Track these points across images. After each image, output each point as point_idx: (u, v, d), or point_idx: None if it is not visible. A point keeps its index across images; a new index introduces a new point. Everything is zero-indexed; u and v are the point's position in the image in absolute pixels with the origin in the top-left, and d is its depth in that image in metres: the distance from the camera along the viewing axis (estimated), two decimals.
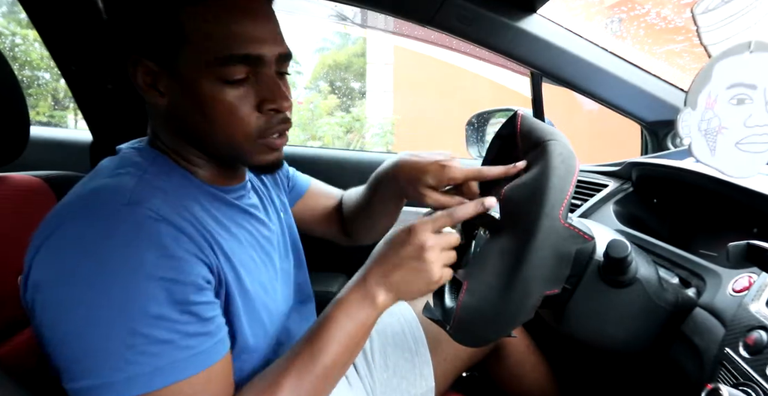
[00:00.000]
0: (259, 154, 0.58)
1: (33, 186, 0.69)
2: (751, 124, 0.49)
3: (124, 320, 0.45)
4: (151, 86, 0.54)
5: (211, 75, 0.52)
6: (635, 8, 3.27)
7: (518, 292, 0.53)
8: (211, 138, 0.56)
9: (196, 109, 0.53)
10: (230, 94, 0.53)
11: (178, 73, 0.52)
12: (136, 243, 0.46)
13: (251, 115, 0.55)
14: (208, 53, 0.51)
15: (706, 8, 0.47)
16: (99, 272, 0.45)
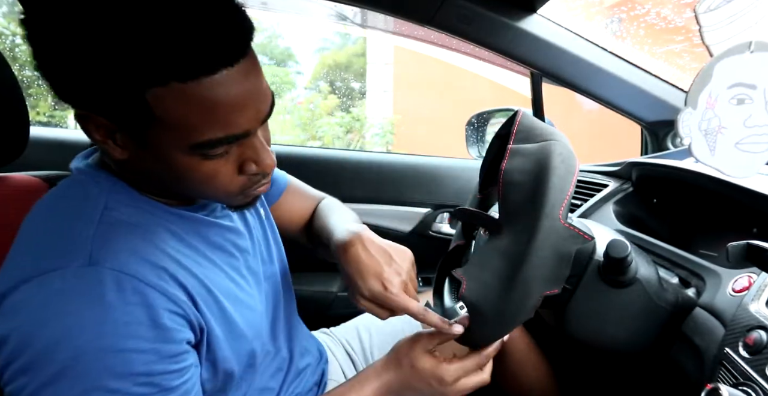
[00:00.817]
0: (237, 202, 0.55)
1: (33, 186, 0.69)
2: (751, 124, 0.49)
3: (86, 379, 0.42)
4: (107, 138, 0.46)
5: (187, 153, 0.45)
6: (635, 8, 3.27)
7: (518, 293, 0.53)
8: (185, 192, 0.53)
9: (168, 173, 0.47)
10: (209, 166, 0.47)
11: (145, 143, 0.45)
12: (100, 312, 0.43)
13: (233, 178, 0.49)
14: (182, 138, 0.43)
15: (708, 8, 0.47)
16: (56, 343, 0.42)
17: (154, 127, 0.43)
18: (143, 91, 0.40)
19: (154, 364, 0.45)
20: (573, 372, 1.05)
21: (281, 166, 0.68)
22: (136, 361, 0.44)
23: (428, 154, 1.55)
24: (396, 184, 1.45)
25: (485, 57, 2.31)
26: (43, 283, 0.44)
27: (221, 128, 0.44)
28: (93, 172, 0.53)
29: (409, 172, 1.46)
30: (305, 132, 5.53)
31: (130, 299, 0.44)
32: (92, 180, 0.52)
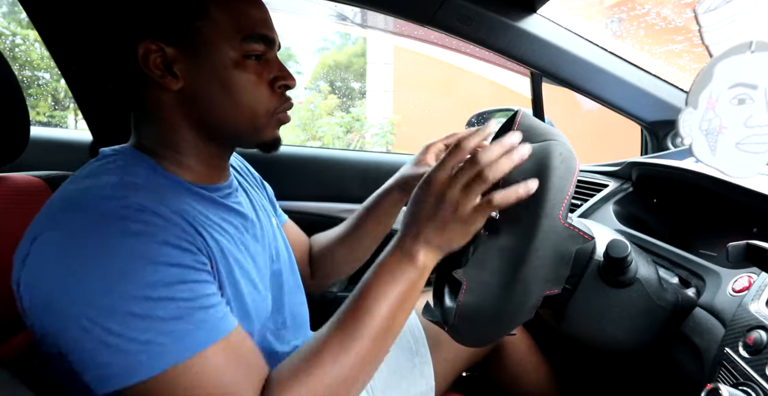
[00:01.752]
0: (272, 129, 0.61)
1: (33, 186, 0.69)
2: (752, 125, 0.49)
3: (123, 304, 0.44)
4: (165, 71, 0.54)
5: (234, 51, 0.55)
6: (635, 8, 3.27)
7: (518, 292, 0.53)
8: (229, 115, 0.57)
9: (219, 85, 0.55)
10: (251, 69, 0.57)
11: (199, 52, 0.54)
12: (123, 232, 0.46)
13: (268, 93, 0.59)
14: (231, 30, 0.55)
15: (708, 8, 0.47)
16: (89, 265, 0.45)
17: (206, 27, 0.54)
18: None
19: (187, 275, 0.48)
20: (573, 372, 1.05)
21: (282, 165, 0.69)
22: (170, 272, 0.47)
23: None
24: None
25: (485, 57, 2.30)
26: (71, 220, 0.47)
27: (259, 27, 0.57)
28: (123, 150, 0.59)
29: None
30: (305, 132, 5.53)
31: (151, 225, 0.48)
32: (120, 155, 0.57)
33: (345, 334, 0.50)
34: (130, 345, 0.44)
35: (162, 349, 0.44)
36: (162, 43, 0.53)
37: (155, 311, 0.45)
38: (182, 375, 0.45)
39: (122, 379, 0.44)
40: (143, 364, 0.44)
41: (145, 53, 0.53)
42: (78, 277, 0.44)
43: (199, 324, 0.47)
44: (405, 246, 0.54)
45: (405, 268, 0.53)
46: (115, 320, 0.44)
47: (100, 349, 0.44)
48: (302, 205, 1.37)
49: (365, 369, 0.51)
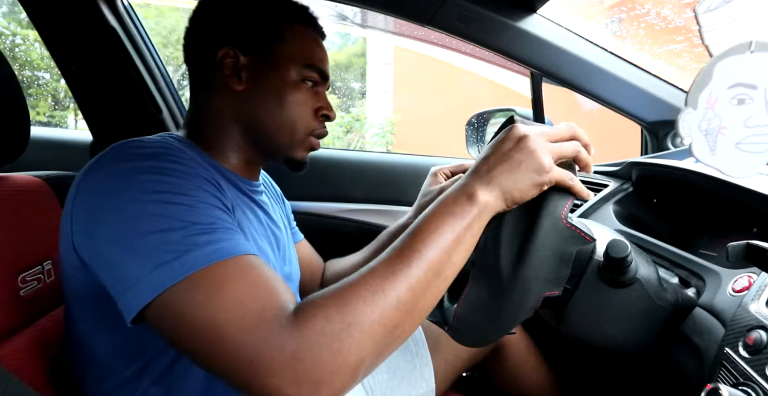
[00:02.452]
0: (302, 149, 0.69)
1: (33, 186, 0.69)
2: (752, 125, 0.49)
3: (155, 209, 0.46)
4: (233, 73, 0.64)
5: (295, 72, 0.65)
6: (635, 8, 3.27)
7: (518, 292, 0.53)
8: (275, 123, 0.65)
9: (274, 96, 0.65)
10: (305, 91, 0.67)
11: (266, 65, 0.65)
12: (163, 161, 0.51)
13: (310, 116, 0.68)
14: (298, 56, 0.66)
15: (708, 8, 0.47)
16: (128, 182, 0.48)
17: (278, 47, 0.65)
18: (281, 23, 0.65)
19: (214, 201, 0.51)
20: (573, 372, 1.05)
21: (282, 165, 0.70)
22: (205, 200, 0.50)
23: (428, 154, 1.55)
24: (396, 184, 1.45)
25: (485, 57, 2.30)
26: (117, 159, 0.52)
27: (319, 61, 0.68)
28: (166, 134, 0.63)
29: (409, 172, 1.46)
30: None
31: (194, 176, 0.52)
32: (167, 135, 0.62)
33: (389, 270, 0.46)
34: (163, 246, 0.45)
35: (192, 253, 0.45)
36: (239, 50, 0.64)
37: (185, 216, 0.47)
38: (209, 279, 0.44)
39: (151, 288, 0.44)
40: (174, 269, 0.44)
41: (223, 56, 0.63)
42: (117, 192, 0.48)
43: (227, 236, 0.47)
44: (466, 186, 0.52)
45: (463, 205, 0.51)
46: (140, 228, 0.46)
47: (133, 258, 0.45)
48: (302, 205, 1.37)
49: (407, 313, 0.46)
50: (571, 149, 0.54)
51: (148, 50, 1.39)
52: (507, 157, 0.52)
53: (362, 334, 0.43)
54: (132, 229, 0.46)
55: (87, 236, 0.49)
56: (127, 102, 1.36)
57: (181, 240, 0.45)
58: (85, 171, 0.52)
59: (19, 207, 0.65)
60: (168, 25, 4.71)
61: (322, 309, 0.43)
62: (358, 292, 0.44)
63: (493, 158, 0.53)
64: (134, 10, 1.38)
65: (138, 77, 1.34)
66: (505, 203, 0.52)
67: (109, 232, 0.47)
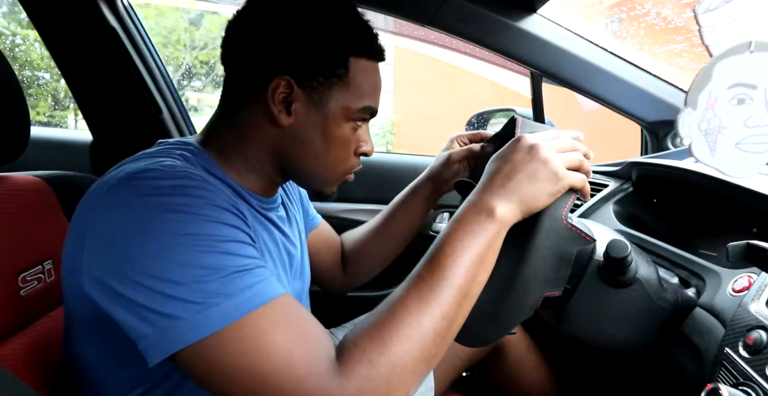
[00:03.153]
0: (335, 185, 0.66)
1: (34, 186, 0.69)
2: (752, 125, 0.49)
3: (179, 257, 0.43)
4: (283, 107, 0.57)
5: (349, 113, 0.59)
6: (635, 8, 3.27)
7: (518, 292, 0.53)
8: (315, 164, 0.61)
9: (321, 135, 0.59)
10: (350, 136, 0.61)
11: (320, 102, 0.58)
12: (180, 195, 0.47)
13: (351, 153, 0.63)
14: (357, 96, 0.59)
15: (708, 8, 0.47)
16: (147, 221, 0.45)
17: (338, 88, 0.58)
18: (347, 57, 0.58)
19: (238, 236, 0.48)
20: (573, 372, 1.05)
21: None
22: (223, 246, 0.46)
23: (428, 154, 1.55)
24: (396, 184, 1.44)
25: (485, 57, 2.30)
26: (136, 185, 0.47)
27: (373, 101, 0.62)
28: (188, 141, 0.60)
29: (409, 172, 1.46)
30: None
31: (217, 201, 0.49)
32: (184, 145, 0.59)
33: (421, 301, 0.45)
34: (200, 292, 0.42)
35: (232, 299, 0.42)
36: (295, 82, 0.56)
37: (219, 260, 0.44)
38: (253, 326, 0.42)
39: (187, 335, 0.41)
40: (214, 317, 0.41)
41: (277, 86, 0.56)
42: (142, 232, 0.44)
43: (261, 277, 0.45)
44: (482, 201, 0.51)
45: (483, 223, 0.50)
46: (171, 272, 0.42)
47: (165, 302, 0.42)
48: None
49: (443, 340, 0.46)
50: (577, 159, 0.55)
51: (148, 50, 1.39)
52: (522, 169, 0.52)
53: (407, 372, 0.43)
54: (164, 273, 0.43)
55: (99, 269, 0.46)
56: (127, 102, 1.36)
57: (220, 286, 0.43)
58: (102, 195, 0.48)
59: (20, 207, 0.65)
60: (168, 25, 4.71)
61: (365, 353, 0.42)
62: (396, 330, 0.44)
63: (507, 170, 0.52)
64: (134, 10, 1.38)
65: (138, 77, 1.34)
66: (521, 214, 0.52)
67: (133, 273, 0.43)
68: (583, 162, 0.55)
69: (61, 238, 0.70)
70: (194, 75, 5.17)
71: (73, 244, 0.49)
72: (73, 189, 0.76)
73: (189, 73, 5.08)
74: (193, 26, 4.99)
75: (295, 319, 0.45)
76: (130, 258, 0.43)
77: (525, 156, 0.52)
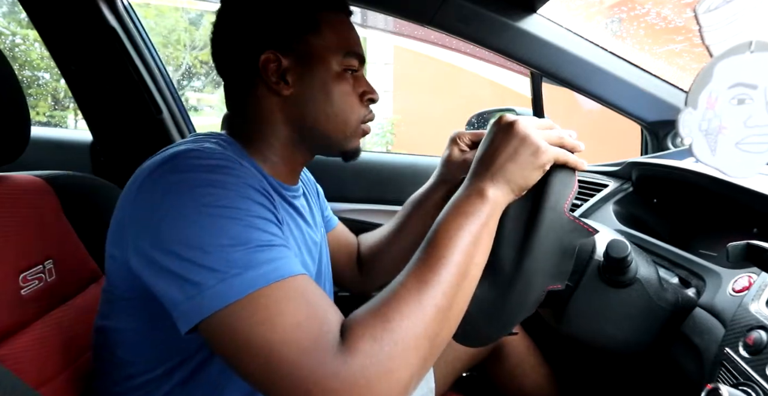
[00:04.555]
0: (356, 138, 0.68)
1: (34, 185, 0.69)
2: (752, 125, 0.49)
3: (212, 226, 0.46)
4: (279, 79, 0.62)
5: (337, 64, 0.63)
6: (635, 8, 3.27)
7: (521, 286, 0.54)
8: (328, 120, 0.64)
9: (323, 94, 0.63)
10: (348, 82, 0.64)
11: (309, 63, 0.62)
12: (216, 172, 0.50)
13: (358, 104, 0.66)
14: (336, 46, 0.63)
15: (708, 8, 0.47)
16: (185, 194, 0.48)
17: (316, 40, 0.62)
18: (314, 14, 0.62)
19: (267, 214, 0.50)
20: (573, 372, 1.05)
21: None
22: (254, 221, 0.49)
23: (428, 154, 1.55)
24: (396, 184, 1.45)
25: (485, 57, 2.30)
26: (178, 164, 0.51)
27: (353, 46, 0.65)
28: (218, 133, 0.64)
29: (409, 172, 1.46)
30: None
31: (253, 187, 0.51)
32: (215, 135, 0.63)
33: (420, 280, 0.47)
34: (225, 262, 0.44)
35: (253, 271, 0.44)
36: (280, 53, 0.61)
37: (246, 233, 0.46)
38: (269, 298, 0.44)
39: (212, 303, 0.43)
40: (235, 286, 0.43)
41: (265, 62, 0.61)
42: (178, 203, 0.47)
43: (283, 254, 0.47)
44: (472, 186, 0.54)
45: (475, 204, 0.52)
46: (200, 239, 0.45)
47: (195, 270, 0.44)
48: None
49: (445, 319, 0.47)
50: (556, 135, 0.57)
51: (148, 50, 1.39)
52: (503, 148, 0.54)
53: (409, 349, 0.43)
54: (194, 241, 0.45)
55: (142, 241, 0.49)
56: (127, 102, 1.36)
57: (242, 257, 0.45)
58: (147, 174, 0.51)
59: (20, 206, 0.65)
60: (168, 25, 4.71)
61: (369, 329, 0.43)
62: (397, 308, 0.45)
63: (490, 152, 0.55)
64: (134, 10, 1.38)
65: (138, 77, 1.34)
66: (513, 193, 0.54)
67: (168, 242, 0.46)
68: (563, 138, 0.57)
69: (61, 238, 0.71)
70: (194, 75, 5.17)
71: (119, 220, 0.53)
72: (73, 189, 0.76)
73: (189, 73, 5.08)
74: (193, 26, 4.98)
75: (309, 296, 0.46)
76: (167, 227, 0.47)
77: (504, 136, 0.55)
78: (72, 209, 0.73)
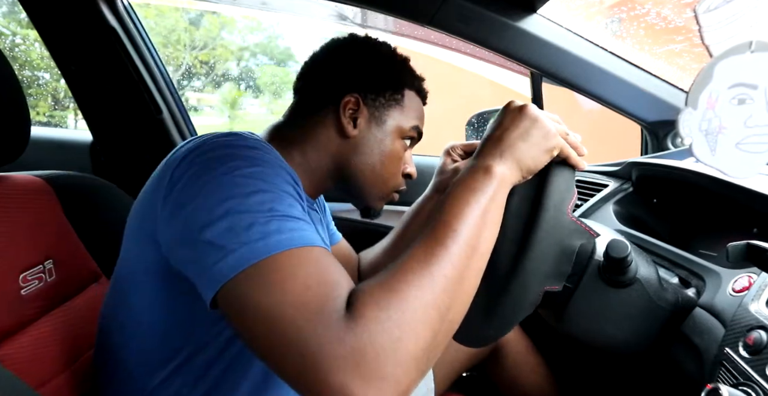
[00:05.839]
0: (383, 201, 0.75)
1: (34, 185, 0.69)
2: (752, 125, 0.49)
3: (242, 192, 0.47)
4: (350, 120, 0.69)
5: (402, 129, 0.72)
6: (635, 8, 3.27)
7: (518, 285, 0.54)
8: (371, 174, 0.71)
9: (378, 148, 0.71)
10: (401, 148, 0.73)
11: (381, 118, 0.70)
12: (258, 157, 0.52)
13: (398, 171, 0.74)
14: (409, 116, 0.73)
15: (708, 8, 0.47)
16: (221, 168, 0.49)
17: (395, 110, 0.71)
18: (404, 87, 0.73)
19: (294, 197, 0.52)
20: (572, 373, 1.05)
21: None
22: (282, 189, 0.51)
23: (428, 154, 1.55)
24: None
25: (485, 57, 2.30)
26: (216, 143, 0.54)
27: (420, 123, 0.75)
28: (252, 133, 0.65)
29: None
30: None
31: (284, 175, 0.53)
32: (251, 134, 0.63)
33: (428, 252, 0.46)
34: (249, 227, 0.45)
35: (275, 236, 0.45)
36: (362, 100, 0.69)
37: (271, 202, 0.47)
38: (284, 262, 0.44)
39: (234, 265, 0.44)
40: (258, 249, 0.44)
41: (347, 102, 0.68)
42: (211, 172, 0.49)
43: (304, 226, 0.48)
44: (479, 163, 0.53)
45: (482, 180, 0.52)
46: (232, 201, 0.46)
47: (222, 234, 0.45)
48: None
49: (455, 292, 0.45)
50: (563, 129, 0.59)
51: (148, 50, 1.39)
52: (514, 127, 0.55)
53: (418, 319, 0.42)
54: (220, 207, 0.46)
55: (175, 215, 0.50)
56: (127, 102, 1.36)
57: (267, 222, 0.46)
58: (187, 150, 0.53)
59: (20, 206, 0.65)
60: (168, 25, 4.71)
61: (373, 297, 0.42)
62: (404, 278, 0.44)
63: (500, 130, 0.56)
64: (134, 10, 1.38)
65: (138, 77, 1.34)
66: (520, 173, 0.54)
67: (198, 211, 0.47)
68: (569, 135, 0.59)
69: (61, 238, 0.71)
70: (194, 75, 5.17)
71: (151, 194, 0.54)
72: (73, 189, 0.76)
73: (189, 73, 5.08)
74: (193, 26, 4.99)
75: (324, 264, 0.46)
76: (201, 194, 0.48)
77: (516, 116, 0.56)
78: (72, 209, 0.73)
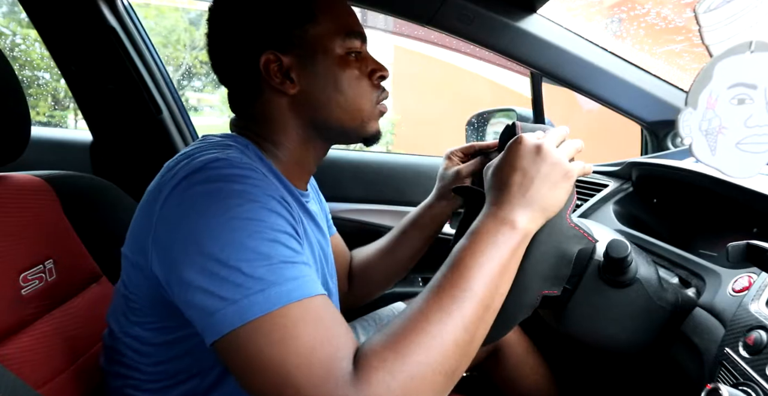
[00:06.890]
0: (375, 121, 0.66)
1: (34, 185, 0.69)
2: (752, 125, 0.49)
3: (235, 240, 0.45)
4: (283, 78, 0.60)
5: (339, 49, 0.61)
6: (635, 8, 3.27)
7: (517, 287, 0.54)
8: (341, 111, 0.62)
9: (331, 85, 0.61)
10: (353, 65, 0.62)
11: (310, 56, 0.60)
12: (240, 184, 0.49)
13: (368, 83, 0.64)
14: (335, 30, 0.61)
15: (708, 8, 0.47)
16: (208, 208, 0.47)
17: (314, 29, 0.60)
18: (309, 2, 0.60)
19: (288, 228, 0.49)
20: (572, 373, 1.05)
21: None
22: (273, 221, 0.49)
23: (428, 154, 1.55)
24: (396, 184, 1.45)
25: (485, 57, 2.30)
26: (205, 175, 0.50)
27: (355, 25, 0.63)
28: (230, 135, 0.62)
29: (409, 172, 1.46)
30: None
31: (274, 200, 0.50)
32: (231, 138, 0.61)
33: (442, 311, 0.45)
34: (248, 278, 0.44)
35: (275, 288, 0.44)
36: (279, 52, 0.59)
37: (269, 249, 0.46)
38: (287, 318, 0.43)
39: (234, 319, 0.43)
40: (257, 303, 0.43)
41: (266, 63, 0.59)
42: (202, 213, 0.47)
43: (304, 272, 0.46)
44: (503, 213, 0.51)
45: (507, 234, 0.50)
46: (226, 252, 0.45)
47: (218, 285, 0.44)
48: None
49: (464, 353, 0.45)
50: (573, 148, 0.57)
51: (148, 50, 1.39)
52: (535, 175, 0.52)
53: (425, 384, 0.42)
54: (221, 255, 0.45)
55: (167, 254, 0.48)
56: (127, 102, 1.36)
57: (266, 273, 0.44)
58: (175, 184, 0.50)
59: (20, 206, 0.65)
60: (168, 25, 4.71)
61: (384, 362, 0.42)
62: (416, 340, 0.43)
63: (520, 178, 0.52)
64: (134, 10, 1.38)
65: (138, 77, 1.34)
66: (543, 220, 0.53)
67: (195, 255, 0.46)
68: (577, 148, 0.58)
69: (61, 238, 0.71)
70: (194, 75, 5.17)
71: (141, 228, 0.52)
72: (73, 189, 0.76)
73: (189, 73, 5.08)
74: (193, 26, 4.98)
75: (327, 320, 0.45)
76: (194, 238, 0.46)
77: (534, 159, 0.53)
78: (72, 209, 0.73)
